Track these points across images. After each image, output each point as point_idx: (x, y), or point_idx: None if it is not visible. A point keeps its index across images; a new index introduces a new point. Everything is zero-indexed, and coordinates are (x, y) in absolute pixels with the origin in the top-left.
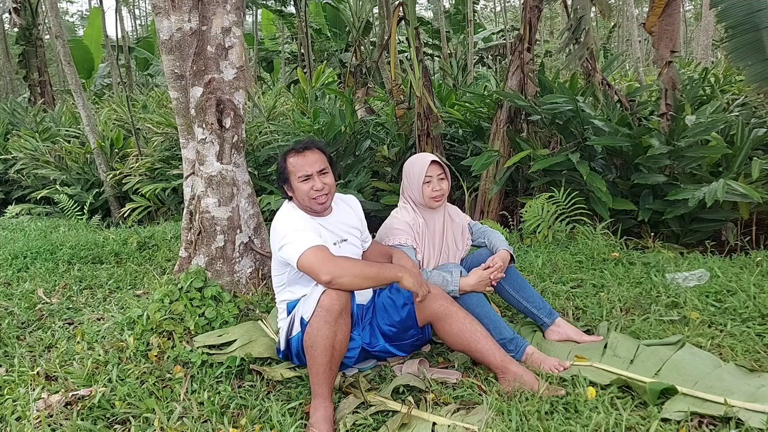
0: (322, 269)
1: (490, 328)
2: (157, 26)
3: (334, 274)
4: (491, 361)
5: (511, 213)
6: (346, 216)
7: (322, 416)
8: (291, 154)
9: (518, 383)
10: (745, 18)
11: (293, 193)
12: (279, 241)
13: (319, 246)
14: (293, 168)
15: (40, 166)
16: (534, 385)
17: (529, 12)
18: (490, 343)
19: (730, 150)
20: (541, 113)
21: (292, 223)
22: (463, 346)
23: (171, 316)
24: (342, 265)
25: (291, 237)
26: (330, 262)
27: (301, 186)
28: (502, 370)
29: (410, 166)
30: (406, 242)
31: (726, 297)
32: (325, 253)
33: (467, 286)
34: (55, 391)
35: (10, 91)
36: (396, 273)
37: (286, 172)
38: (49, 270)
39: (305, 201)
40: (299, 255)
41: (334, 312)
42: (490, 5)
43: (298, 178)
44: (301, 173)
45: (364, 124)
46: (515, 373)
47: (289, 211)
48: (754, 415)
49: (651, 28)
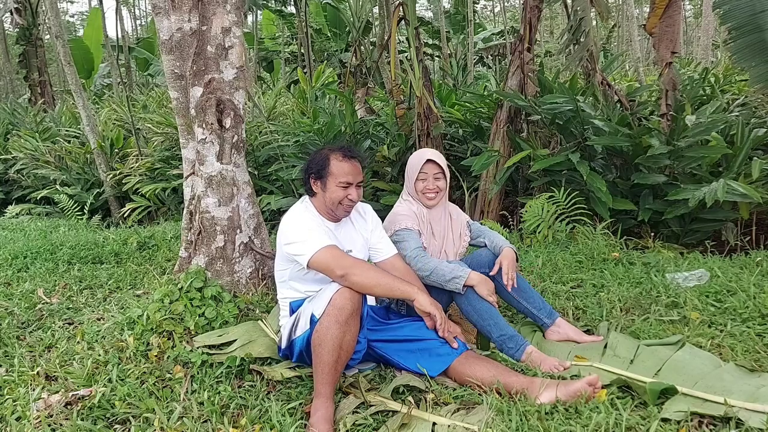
0: (337, 264)
1: (490, 324)
2: (157, 26)
3: (349, 270)
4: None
5: (511, 213)
6: (357, 226)
7: (323, 416)
8: (338, 155)
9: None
10: (749, 19)
11: (323, 192)
12: (289, 238)
13: (333, 245)
14: (337, 171)
15: (40, 166)
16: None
17: (529, 12)
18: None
19: (730, 150)
20: (541, 113)
21: (305, 223)
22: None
23: (171, 316)
24: (357, 264)
25: (303, 236)
26: (345, 258)
27: (338, 190)
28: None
29: (410, 159)
30: (412, 227)
31: (726, 297)
32: (339, 252)
33: (471, 281)
34: (55, 391)
35: (10, 91)
36: (410, 291)
37: (326, 171)
38: (49, 270)
39: (332, 205)
40: (312, 253)
41: (345, 312)
42: (489, 5)
43: (338, 182)
44: (343, 179)
45: (364, 124)
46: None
47: (302, 211)
48: (754, 415)
49: (652, 29)
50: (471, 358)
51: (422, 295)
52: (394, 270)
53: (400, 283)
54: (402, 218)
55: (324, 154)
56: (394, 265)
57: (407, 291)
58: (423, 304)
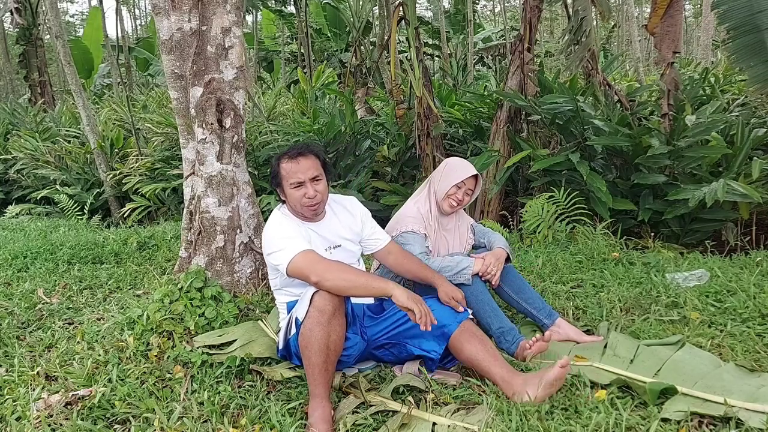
0: (311, 270)
1: (491, 315)
2: (157, 26)
3: (322, 276)
4: (494, 376)
5: (511, 213)
6: (343, 221)
7: (321, 416)
8: (284, 159)
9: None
10: (747, 19)
11: (286, 197)
12: (269, 248)
13: (308, 250)
14: (285, 174)
15: (40, 166)
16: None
17: (529, 12)
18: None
19: (730, 150)
20: (541, 113)
21: (282, 231)
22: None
23: (171, 316)
24: (330, 268)
25: (280, 244)
26: (319, 263)
27: (293, 192)
28: (508, 383)
29: (455, 164)
30: (418, 230)
31: (726, 297)
32: (314, 256)
33: (475, 268)
34: (55, 391)
35: (10, 91)
36: (386, 288)
37: (279, 177)
38: (49, 270)
39: (297, 207)
40: (288, 261)
41: (326, 313)
42: (489, 5)
43: (290, 184)
44: (293, 180)
45: (364, 124)
46: (519, 383)
47: (279, 218)
48: (754, 415)
49: (653, 30)
50: (468, 332)
51: (399, 290)
52: (390, 255)
53: (375, 280)
54: (409, 220)
55: (275, 161)
56: (390, 251)
57: (383, 288)
58: (400, 299)
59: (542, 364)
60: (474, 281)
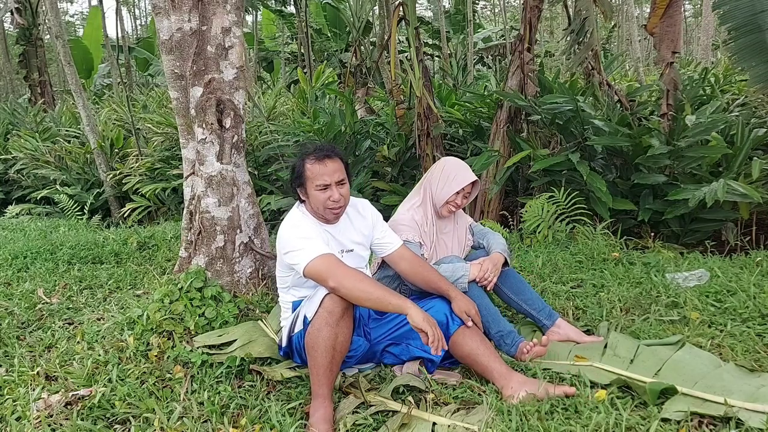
0: (330, 275)
1: (489, 320)
2: (157, 26)
3: (340, 282)
4: (493, 371)
5: (511, 213)
6: (356, 225)
7: (322, 416)
8: (311, 159)
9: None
10: (749, 19)
11: (307, 198)
12: (286, 247)
13: (328, 254)
14: (311, 174)
15: (40, 166)
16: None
17: (529, 12)
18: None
19: (730, 150)
20: (541, 113)
21: (300, 231)
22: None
23: (171, 316)
24: (349, 276)
25: (298, 244)
26: (338, 268)
27: (318, 194)
28: (506, 378)
29: (453, 169)
30: (413, 239)
31: (726, 297)
32: (334, 260)
33: (472, 275)
34: (55, 391)
35: (10, 91)
36: (402, 306)
37: (303, 177)
38: (49, 270)
39: (320, 209)
40: (307, 262)
41: (336, 314)
42: (489, 5)
43: (315, 186)
44: (320, 182)
45: (364, 124)
46: (517, 381)
47: (298, 217)
48: (754, 415)
49: (653, 30)
50: (469, 331)
51: (414, 310)
52: (403, 261)
53: (391, 296)
54: (403, 229)
55: (300, 160)
56: (402, 256)
57: (399, 305)
58: (416, 320)
59: (542, 364)
60: (471, 287)
